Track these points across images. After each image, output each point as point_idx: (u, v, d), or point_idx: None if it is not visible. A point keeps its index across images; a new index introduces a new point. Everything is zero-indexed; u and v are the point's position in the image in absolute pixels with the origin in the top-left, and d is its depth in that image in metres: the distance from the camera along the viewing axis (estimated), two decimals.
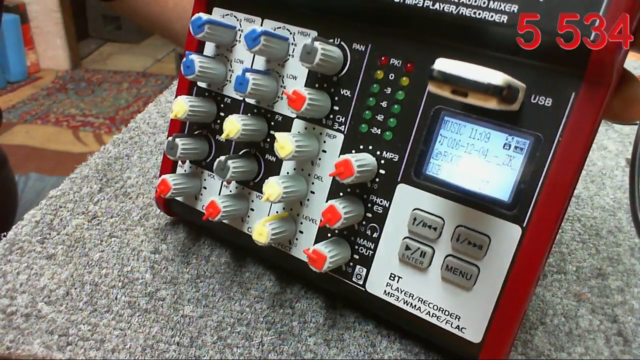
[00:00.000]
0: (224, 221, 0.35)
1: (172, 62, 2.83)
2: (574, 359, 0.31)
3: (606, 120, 0.26)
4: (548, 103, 0.24)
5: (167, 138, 0.34)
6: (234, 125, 0.31)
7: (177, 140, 0.34)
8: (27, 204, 0.73)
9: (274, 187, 0.29)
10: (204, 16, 0.32)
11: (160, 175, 0.36)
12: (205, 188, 0.36)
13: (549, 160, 0.24)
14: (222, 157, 0.32)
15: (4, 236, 0.37)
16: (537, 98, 0.24)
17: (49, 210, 0.40)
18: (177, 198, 0.37)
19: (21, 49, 2.60)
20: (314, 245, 0.30)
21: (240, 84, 0.30)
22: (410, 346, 0.31)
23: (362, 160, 0.28)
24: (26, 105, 2.41)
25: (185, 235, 0.39)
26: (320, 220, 0.29)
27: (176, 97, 0.34)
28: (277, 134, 0.29)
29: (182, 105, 0.33)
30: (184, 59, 0.33)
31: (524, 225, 0.25)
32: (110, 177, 0.44)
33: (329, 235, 0.31)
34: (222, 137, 0.31)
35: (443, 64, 0.21)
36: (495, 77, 0.21)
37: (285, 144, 0.29)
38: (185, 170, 0.37)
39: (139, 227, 0.39)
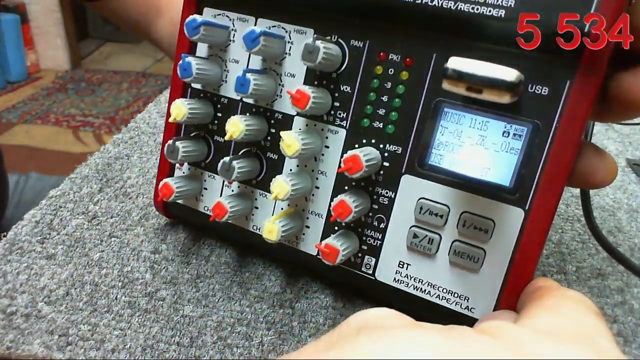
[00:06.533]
0: (229, 221, 0.35)
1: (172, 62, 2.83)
2: None
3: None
4: (545, 92, 0.25)
5: (167, 142, 0.34)
6: (237, 127, 0.31)
7: (178, 143, 0.33)
8: (26, 204, 0.72)
9: (282, 185, 0.30)
10: (199, 18, 0.31)
11: (158, 180, 0.35)
12: (206, 189, 0.36)
13: (547, 145, 0.25)
14: (227, 158, 0.32)
15: (4, 236, 0.38)
16: (534, 87, 0.25)
17: (49, 210, 0.40)
18: (178, 201, 0.37)
19: (21, 49, 2.60)
20: (321, 238, 0.31)
21: (242, 84, 0.30)
22: None
23: (369, 155, 0.28)
24: (26, 105, 2.41)
25: (185, 235, 0.39)
26: (331, 215, 0.29)
27: (171, 100, 0.34)
28: (283, 134, 0.29)
29: (181, 109, 0.33)
30: (180, 62, 0.32)
31: (527, 208, 0.26)
32: (110, 177, 0.44)
33: (336, 228, 0.32)
34: (226, 139, 0.31)
35: (457, 63, 0.22)
36: (509, 74, 0.21)
37: (292, 142, 0.29)
38: (183, 172, 0.37)
39: (139, 227, 0.39)
